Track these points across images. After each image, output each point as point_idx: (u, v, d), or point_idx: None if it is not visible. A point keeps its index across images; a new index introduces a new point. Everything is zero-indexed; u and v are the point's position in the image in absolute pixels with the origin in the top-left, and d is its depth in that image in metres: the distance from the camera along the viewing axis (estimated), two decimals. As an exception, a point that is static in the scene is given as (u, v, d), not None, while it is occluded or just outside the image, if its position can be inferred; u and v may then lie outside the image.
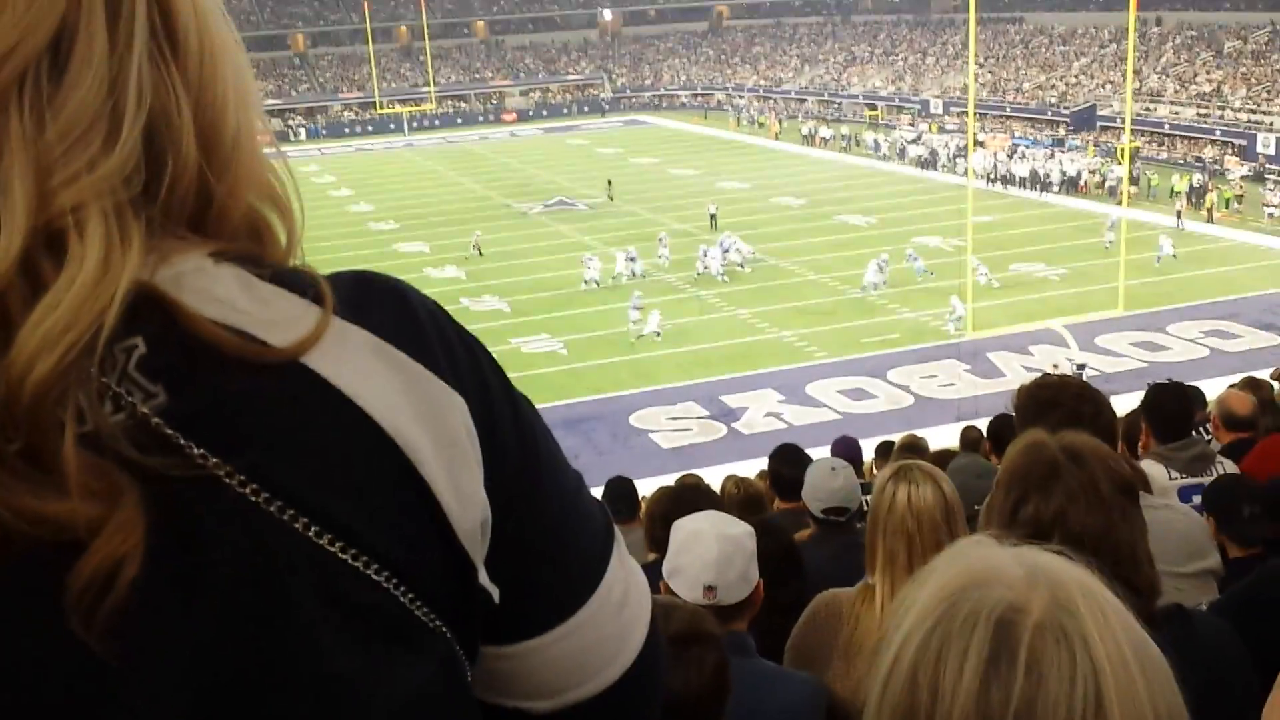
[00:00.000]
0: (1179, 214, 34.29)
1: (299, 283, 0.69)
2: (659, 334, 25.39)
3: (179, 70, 0.67)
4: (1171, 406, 4.68)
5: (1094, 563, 0.76)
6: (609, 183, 42.28)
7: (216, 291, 0.65)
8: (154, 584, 0.59)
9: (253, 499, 0.62)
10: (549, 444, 0.79)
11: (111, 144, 0.63)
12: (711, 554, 2.56)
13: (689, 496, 4.14)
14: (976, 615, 0.69)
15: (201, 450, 0.61)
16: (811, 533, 4.25)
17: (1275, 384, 5.62)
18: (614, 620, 0.79)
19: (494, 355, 0.77)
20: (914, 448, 7.66)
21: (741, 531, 2.63)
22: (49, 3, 0.62)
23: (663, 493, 4.51)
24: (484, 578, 0.72)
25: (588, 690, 0.78)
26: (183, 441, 0.61)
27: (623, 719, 0.81)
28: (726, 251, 30.81)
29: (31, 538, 0.57)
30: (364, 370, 0.67)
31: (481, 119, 70.54)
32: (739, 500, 5.08)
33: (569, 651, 0.77)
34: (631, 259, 30.95)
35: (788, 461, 5.27)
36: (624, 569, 0.81)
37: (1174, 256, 29.61)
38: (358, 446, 0.66)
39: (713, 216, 36.11)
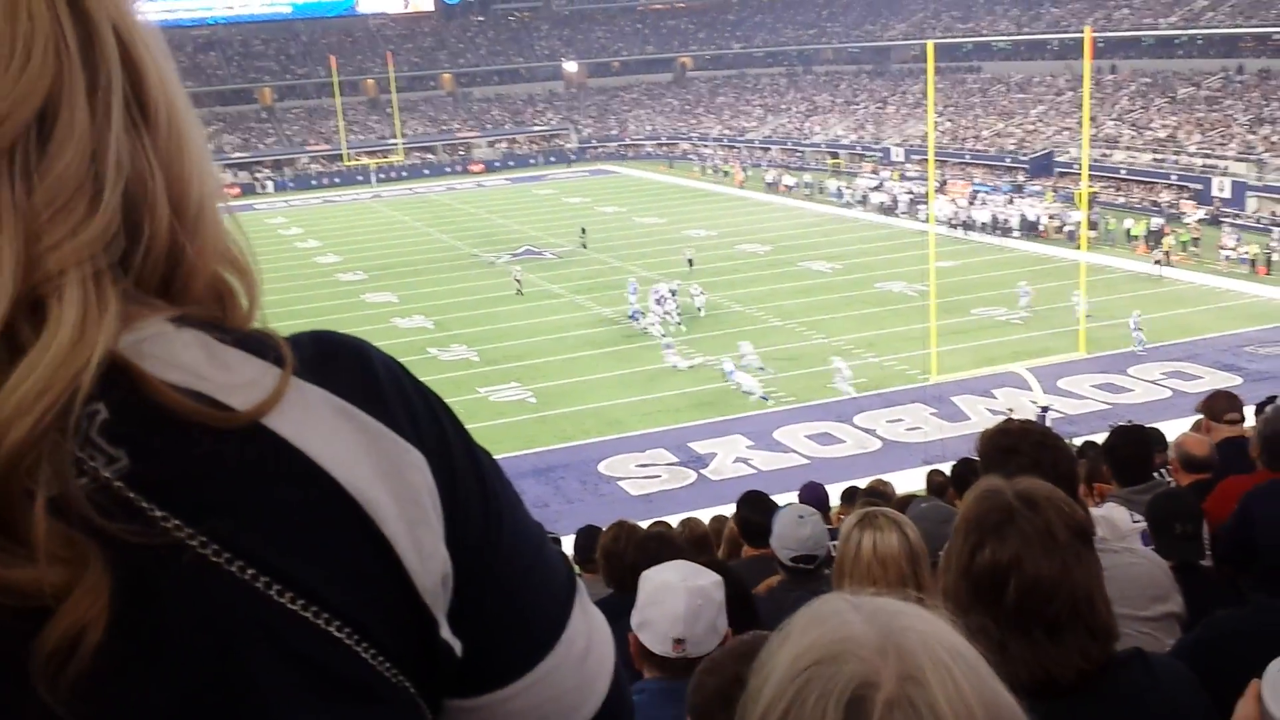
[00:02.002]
0: (1158, 261, 34.75)
1: (260, 345, 0.70)
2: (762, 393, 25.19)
3: (151, 139, 0.70)
4: (1132, 450, 4.75)
5: (945, 615, 0.76)
6: (582, 230, 42.77)
7: (178, 357, 0.66)
8: (117, 648, 0.60)
9: (215, 560, 0.63)
10: (510, 497, 0.80)
11: (93, 211, 0.65)
12: (680, 607, 2.57)
13: (653, 546, 4.14)
14: (828, 697, 0.68)
15: (164, 514, 0.62)
16: (780, 579, 4.26)
17: (1199, 415, 5.72)
18: (577, 671, 0.80)
19: (455, 409, 0.79)
20: (878, 493, 7.70)
21: (710, 583, 2.64)
22: (38, 74, 0.64)
23: (618, 532, 4.48)
24: (446, 632, 0.73)
25: None
26: (145, 505, 0.62)
27: None
28: (669, 298, 30.70)
29: None
30: (325, 430, 0.68)
31: (449, 170, 70.74)
32: (685, 540, 5.10)
33: (533, 703, 0.77)
34: (662, 297, 31.15)
35: (755, 509, 5.29)
36: (586, 620, 0.82)
37: (1026, 312, 29.89)
38: (319, 506, 0.67)
39: (690, 261, 36.50)
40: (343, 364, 0.72)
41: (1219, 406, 5.62)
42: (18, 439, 0.58)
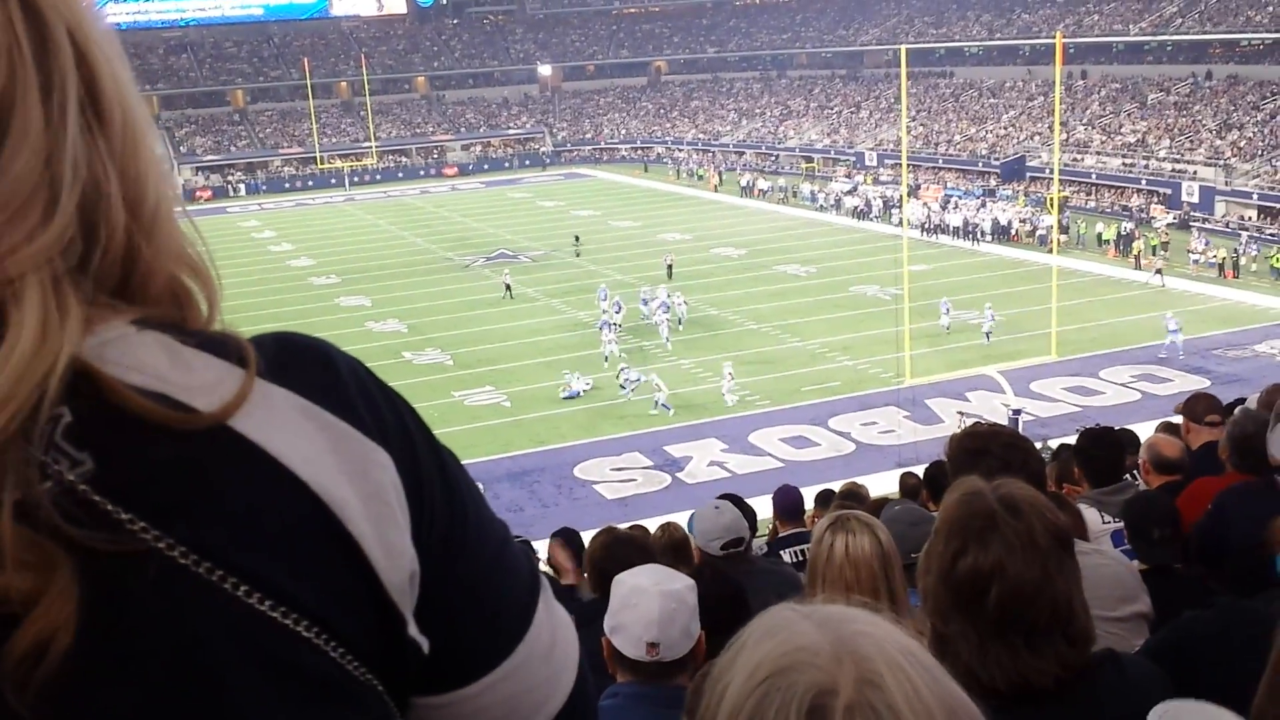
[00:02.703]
0: (1159, 271, 34.09)
1: (222, 346, 0.69)
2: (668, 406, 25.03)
3: (105, 141, 0.68)
4: (1103, 451, 4.78)
5: (897, 620, 0.76)
6: (576, 238, 42.06)
7: (140, 359, 0.66)
8: (86, 653, 0.59)
9: (183, 563, 0.63)
10: (474, 496, 0.80)
11: (50, 215, 0.64)
12: (654, 611, 2.56)
13: (621, 551, 4.14)
14: (788, 707, 0.68)
15: (129, 516, 0.62)
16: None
17: (1182, 418, 5.74)
18: (543, 666, 0.80)
19: (429, 414, 0.79)
20: (854, 496, 7.72)
21: (683, 586, 2.63)
22: None
23: (600, 540, 4.49)
24: (413, 629, 0.73)
25: None
26: (110, 508, 0.61)
27: None
28: (660, 309, 30.41)
29: None
30: (289, 430, 0.68)
31: (422, 173, 70.53)
32: (665, 545, 5.09)
33: (499, 699, 0.78)
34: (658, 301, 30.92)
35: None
36: (550, 616, 0.83)
37: (947, 329, 29.04)
38: (285, 506, 0.66)
39: (669, 267, 36.37)
40: (306, 364, 0.72)
41: (1200, 408, 5.64)
42: None
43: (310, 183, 67.52)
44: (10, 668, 0.58)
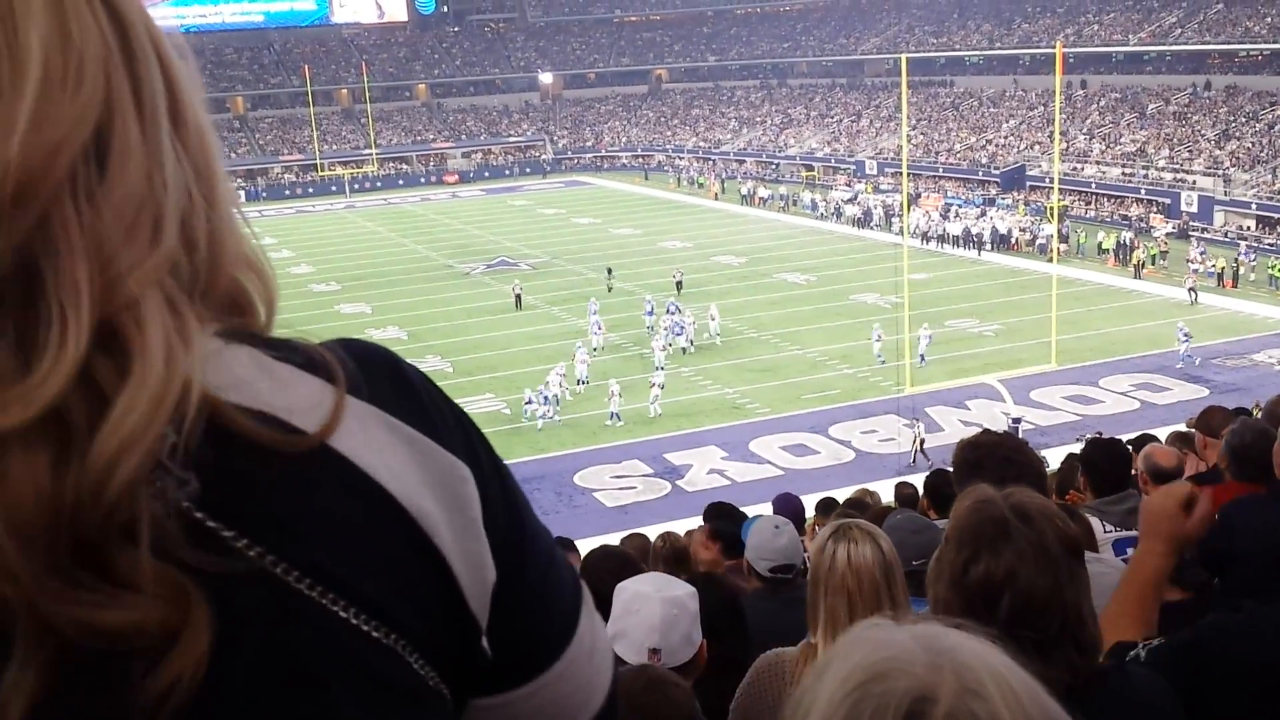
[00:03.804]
0: (1192, 290, 32.88)
1: (309, 361, 0.69)
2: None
3: (183, 145, 0.68)
4: (1107, 461, 4.77)
5: (993, 633, 0.75)
6: (609, 271, 37.43)
7: (238, 376, 0.66)
8: (209, 679, 0.60)
9: (294, 585, 0.63)
10: (527, 504, 0.82)
11: (159, 230, 0.63)
12: (655, 617, 2.56)
13: (612, 565, 4.11)
14: (884, 712, 0.66)
15: (239, 536, 0.62)
16: (755, 588, 4.24)
17: (1196, 433, 5.72)
18: (586, 666, 0.83)
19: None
20: (855, 504, 7.71)
21: (684, 593, 2.63)
22: (92, 90, 0.61)
23: (592, 557, 4.46)
24: (484, 640, 0.75)
25: None
26: (212, 525, 0.61)
27: None
28: (672, 330, 29.67)
29: (90, 648, 0.57)
30: (378, 446, 0.68)
31: (423, 180, 70.62)
32: (665, 555, 5.07)
33: (550, 698, 0.80)
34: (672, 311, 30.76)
35: (725, 520, 5.28)
36: (591, 618, 0.85)
37: (882, 360, 27.26)
38: (380, 523, 0.67)
39: (678, 284, 35.00)
40: (381, 377, 0.73)
41: (1214, 422, 5.62)
42: (125, 479, 0.57)
43: (311, 190, 67.59)
44: (147, 702, 0.58)
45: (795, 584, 4.17)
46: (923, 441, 22.05)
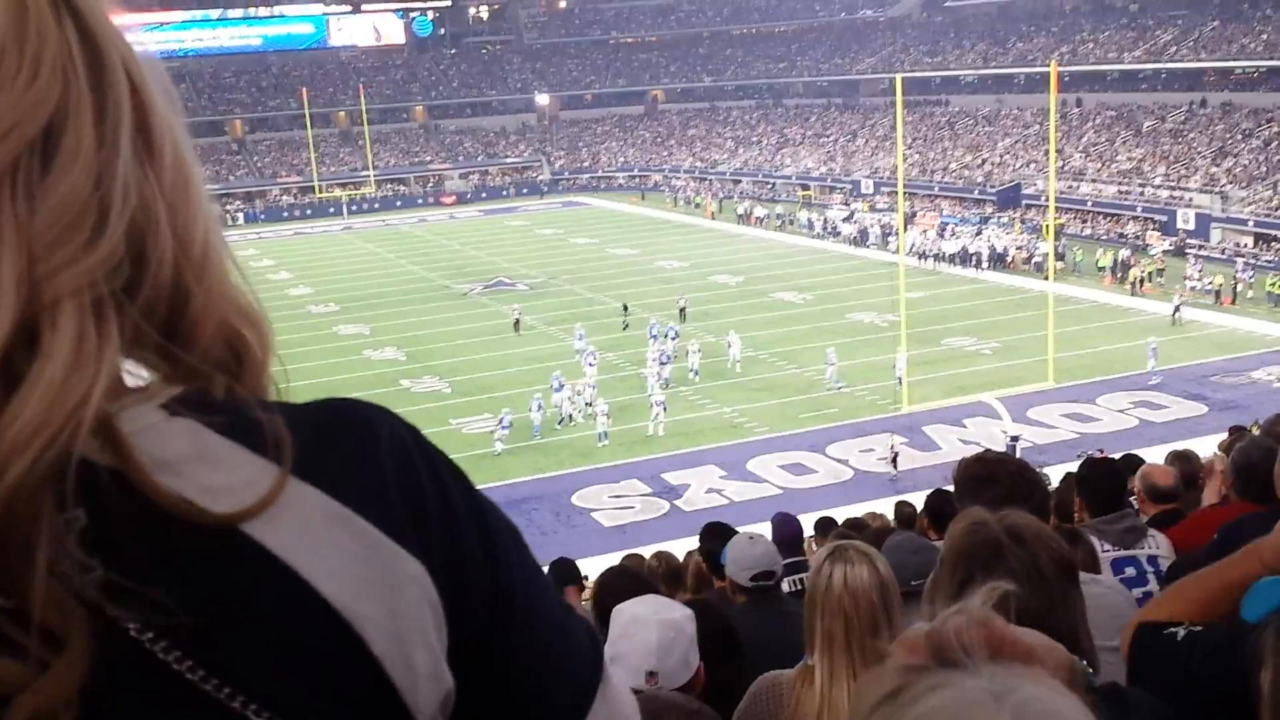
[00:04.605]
0: (1177, 309, 32.63)
1: (257, 437, 0.66)
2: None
3: (155, 175, 0.68)
4: (1104, 481, 4.77)
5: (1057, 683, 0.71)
6: (625, 308, 35.25)
7: (165, 451, 0.63)
8: None
9: (188, 676, 0.60)
10: (526, 576, 0.76)
11: (97, 236, 0.63)
12: (652, 640, 2.55)
13: (625, 584, 4.12)
14: None
15: (136, 626, 0.59)
16: (741, 602, 4.28)
17: (1225, 455, 5.70)
18: None
19: (471, 481, 0.75)
20: (857, 525, 7.70)
21: (681, 616, 2.63)
22: (45, 90, 0.63)
23: (602, 580, 4.49)
24: None
25: None
26: (115, 615, 0.59)
27: None
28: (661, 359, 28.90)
29: None
30: (314, 540, 0.64)
31: (420, 201, 70.76)
32: (660, 575, 5.08)
33: None
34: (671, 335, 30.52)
35: (720, 540, 5.27)
36: (607, 708, 0.79)
37: (899, 383, 26.05)
38: (300, 621, 0.63)
39: (682, 310, 34.35)
40: (344, 455, 0.69)
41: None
42: (16, 478, 0.56)
43: (309, 211, 67.71)
44: None
45: (778, 595, 4.28)
46: (896, 455, 22.17)
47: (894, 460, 22.17)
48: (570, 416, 25.47)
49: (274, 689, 0.62)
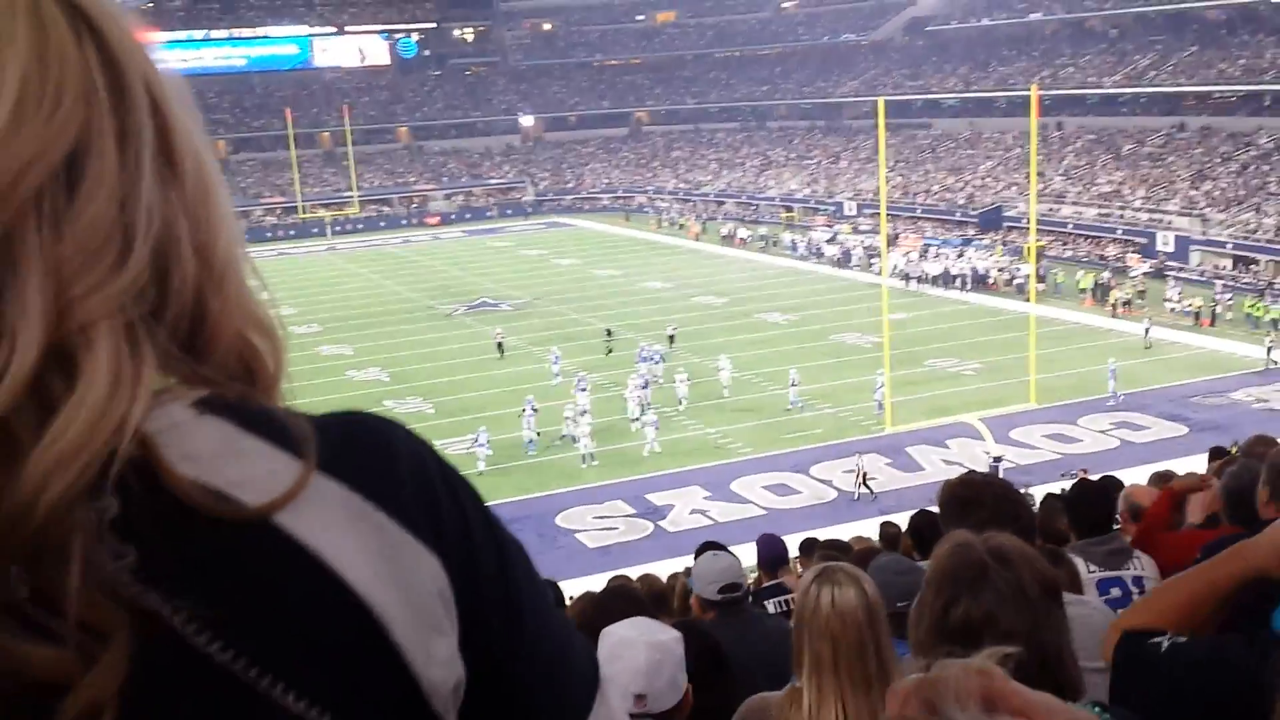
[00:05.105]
0: (1147, 331, 32.34)
1: (282, 435, 0.68)
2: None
3: (178, 191, 0.70)
4: (1091, 503, 4.79)
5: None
6: (608, 332, 35.10)
7: (195, 447, 0.65)
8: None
9: (220, 659, 0.62)
10: (534, 595, 0.78)
11: (124, 260, 0.64)
12: (640, 662, 2.55)
13: (617, 605, 4.12)
14: None
15: (171, 614, 0.61)
16: (710, 618, 4.30)
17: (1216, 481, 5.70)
18: None
19: (482, 496, 0.77)
20: (836, 546, 7.71)
21: (670, 638, 2.63)
22: (67, 117, 0.63)
23: (587, 600, 4.49)
24: None
25: None
26: (149, 603, 0.61)
27: None
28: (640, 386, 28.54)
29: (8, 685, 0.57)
30: (337, 531, 0.67)
31: (404, 222, 70.72)
32: (645, 597, 5.11)
33: None
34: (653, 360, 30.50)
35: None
36: (604, 709, 0.81)
37: (878, 407, 26.43)
38: (327, 609, 0.65)
39: (670, 338, 33.85)
40: (365, 456, 0.71)
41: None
42: (56, 495, 0.58)
43: (292, 232, 67.59)
44: None
45: (745, 605, 4.35)
46: (865, 475, 22.20)
47: (863, 479, 22.15)
48: (575, 438, 25.49)
49: (304, 674, 0.64)
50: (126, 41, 0.68)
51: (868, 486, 22.14)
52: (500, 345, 34.12)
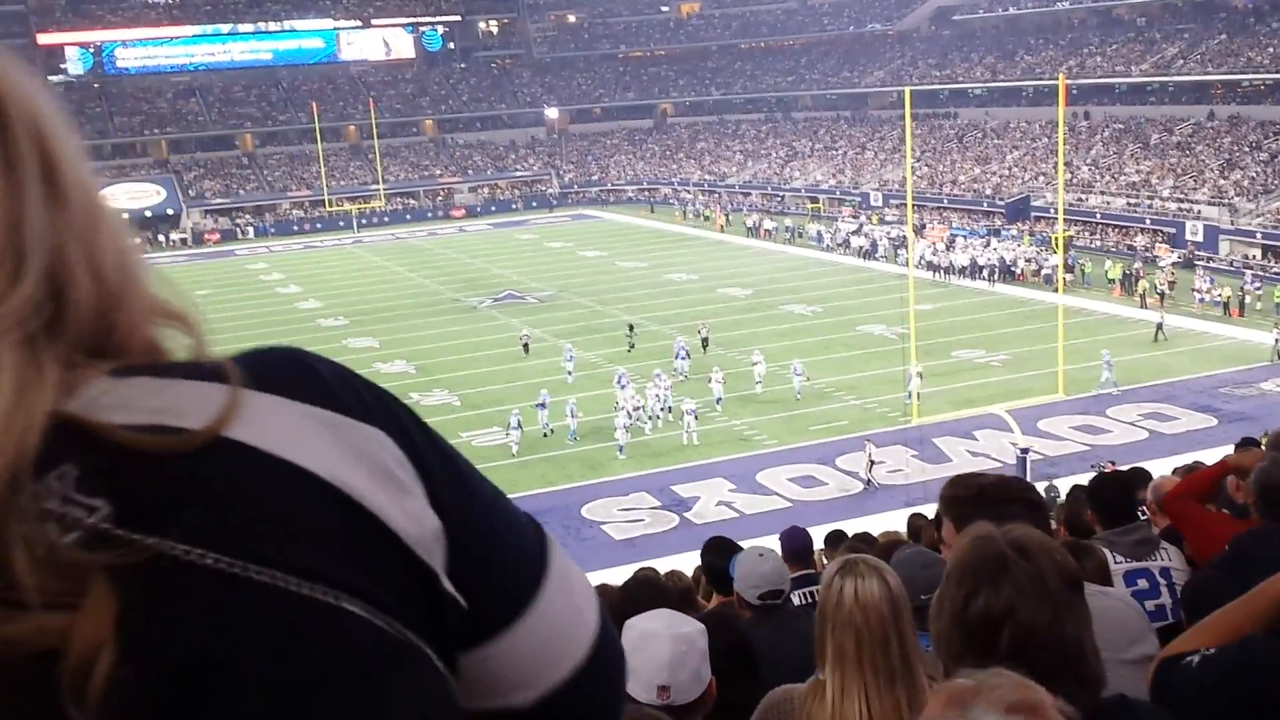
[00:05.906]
0: (1159, 326, 31.91)
1: (201, 371, 0.74)
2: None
3: (66, 218, 0.74)
4: (1115, 493, 4.77)
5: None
6: (630, 328, 34.49)
7: (122, 398, 0.70)
8: (134, 660, 0.62)
9: (210, 563, 0.66)
10: (469, 467, 0.85)
11: (17, 278, 0.69)
12: (664, 654, 2.57)
13: (645, 594, 4.13)
14: None
15: (154, 539, 0.65)
16: (748, 618, 4.27)
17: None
18: (568, 601, 0.85)
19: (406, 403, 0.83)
20: (866, 539, 7.70)
21: (694, 630, 2.64)
22: None
23: (614, 590, 4.50)
24: (447, 584, 0.77)
25: (564, 670, 0.83)
26: (136, 538, 0.65)
27: (604, 690, 0.87)
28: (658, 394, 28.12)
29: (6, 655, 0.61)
30: (284, 430, 0.72)
31: (430, 215, 70.96)
32: (673, 592, 5.07)
33: (538, 638, 0.82)
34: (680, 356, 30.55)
35: (720, 554, 5.27)
36: (560, 556, 0.87)
37: (909, 397, 26.19)
38: (300, 498, 0.70)
39: (704, 340, 32.79)
40: (286, 369, 0.77)
41: None
42: None
43: (318, 225, 67.95)
44: (66, 689, 0.61)
45: (785, 609, 4.25)
46: (872, 464, 22.15)
47: (870, 467, 22.13)
48: (656, 418, 26.07)
49: (299, 559, 0.68)
50: (9, 76, 0.72)
51: (871, 475, 22.10)
52: (526, 346, 33.90)
